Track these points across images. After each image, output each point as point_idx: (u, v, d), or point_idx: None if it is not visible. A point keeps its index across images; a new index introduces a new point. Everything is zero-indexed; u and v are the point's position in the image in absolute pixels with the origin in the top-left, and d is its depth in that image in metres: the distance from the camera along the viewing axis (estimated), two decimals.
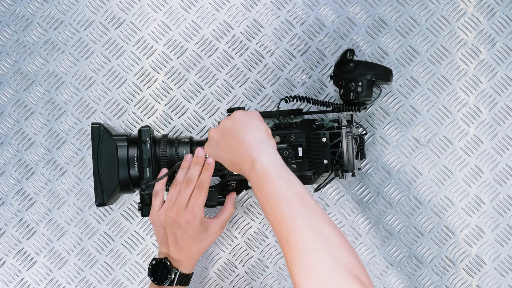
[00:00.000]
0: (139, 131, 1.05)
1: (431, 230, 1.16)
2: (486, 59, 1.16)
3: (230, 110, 1.10)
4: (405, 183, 1.17)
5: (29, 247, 1.17)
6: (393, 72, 1.16)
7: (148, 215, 1.06)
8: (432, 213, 1.16)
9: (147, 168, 1.04)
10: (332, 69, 1.17)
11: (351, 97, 1.05)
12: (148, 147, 1.04)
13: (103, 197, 1.05)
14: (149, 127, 1.05)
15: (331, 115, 1.16)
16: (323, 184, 1.10)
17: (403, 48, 1.17)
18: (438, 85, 1.17)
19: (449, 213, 1.16)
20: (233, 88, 1.18)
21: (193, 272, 1.06)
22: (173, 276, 1.02)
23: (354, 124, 1.06)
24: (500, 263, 1.16)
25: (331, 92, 1.17)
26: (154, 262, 1.03)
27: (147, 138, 1.04)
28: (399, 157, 1.17)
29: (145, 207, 1.05)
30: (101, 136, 1.06)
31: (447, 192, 1.16)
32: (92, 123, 1.06)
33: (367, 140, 1.16)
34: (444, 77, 1.17)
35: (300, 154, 1.03)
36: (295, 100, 1.11)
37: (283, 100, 1.13)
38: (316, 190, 1.15)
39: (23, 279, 1.18)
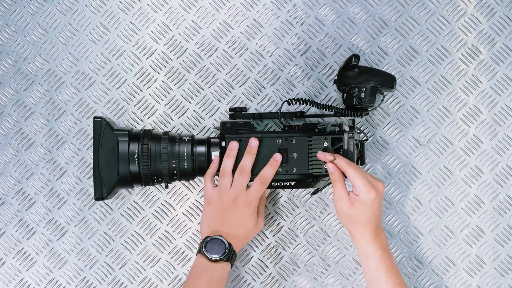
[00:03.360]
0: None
1: (431, 230, 1.16)
2: (486, 59, 1.16)
3: (232, 110, 1.10)
4: (405, 183, 1.16)
5: (29, 247, 1.17)
6: (393, 73, 1.16)
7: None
8: (432, 213, 1.16)
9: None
10: (331, 70, 1.17)
11: (354, 103, 1.05)
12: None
13: (102, 191, 1.05)
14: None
15: (333, 119, 1.15)
16: (320, 188, 1.10)
17: (403, 48, 1.17)
18: (438, 85, 1.17)
19: (449, 213, 1.16)
20: (233, 88, 1.18)
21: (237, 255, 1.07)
22: (228, 250, 1.03)
23: (356, 129, 1.06)
24: (500, 263, 1.16)
25: (331, 93, 1.17)
26: (208, 239, 1.03)
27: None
28: (399, 157, 1.17)
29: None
30: (102, 130, 1.05)
31: (447, 192, 1.16)
32: (94, 117, 1.05)
33: (367, 140, 1.16)
34: (444, 77, 1.17)
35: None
36: (298, 103, 1.10)
37: (286, 102, 1.12)
38: (313, 193, 1.15)
39: (23, 279, 1.18)
